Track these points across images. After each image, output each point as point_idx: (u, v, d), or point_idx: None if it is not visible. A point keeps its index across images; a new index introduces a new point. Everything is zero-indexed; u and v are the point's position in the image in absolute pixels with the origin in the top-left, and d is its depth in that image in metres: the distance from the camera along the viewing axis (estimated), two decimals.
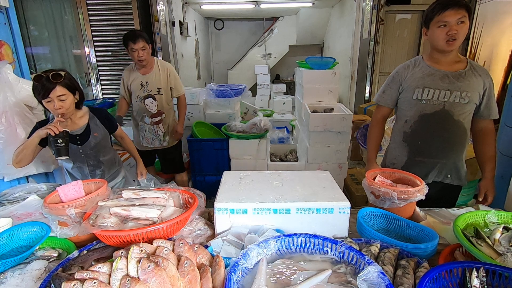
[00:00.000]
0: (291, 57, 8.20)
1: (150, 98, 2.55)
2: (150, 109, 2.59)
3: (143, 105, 2.57)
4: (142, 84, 2.53)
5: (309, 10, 6.91)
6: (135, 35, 2.32)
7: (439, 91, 1.47)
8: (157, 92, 2.55)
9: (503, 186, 1.73)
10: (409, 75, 1.55)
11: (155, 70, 2.54)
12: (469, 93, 1.44)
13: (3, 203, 1.67)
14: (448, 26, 1.37)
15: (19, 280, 0.92)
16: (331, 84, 3.25)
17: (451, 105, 1.47)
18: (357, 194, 2.88)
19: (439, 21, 1.38)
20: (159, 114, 2.62)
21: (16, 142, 2.01)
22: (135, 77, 2.54)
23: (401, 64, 1.62)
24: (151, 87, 2.54)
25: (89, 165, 1.70)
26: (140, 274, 0.79)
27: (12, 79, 1.98)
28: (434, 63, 1.51)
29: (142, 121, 2.63)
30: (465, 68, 1.47)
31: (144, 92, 2.54)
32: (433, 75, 1.48)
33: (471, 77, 1.45)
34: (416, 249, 0.96)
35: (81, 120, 1.65)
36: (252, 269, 0.88)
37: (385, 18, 4.64)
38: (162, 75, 2.56)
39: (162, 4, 4.41)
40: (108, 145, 1.79)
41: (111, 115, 1.82)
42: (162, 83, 2.56)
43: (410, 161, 1.62)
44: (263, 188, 1.18)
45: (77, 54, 4.28)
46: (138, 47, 2.32)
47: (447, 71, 1.47)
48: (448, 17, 1.36)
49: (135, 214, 1.05)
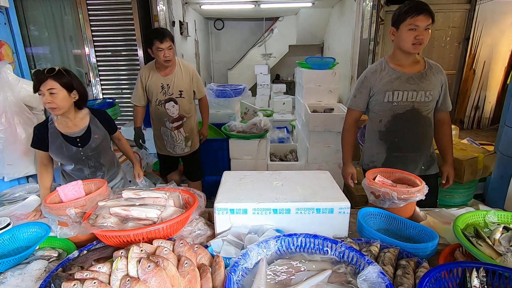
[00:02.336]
0: (291, 57, 8.19)
1: (171, 102, 2.34)
2: (171, 114, 2.38)
3: (164, 109, 2.36)
4: (163, 87, 2.31)
5: (309, 10, 6.90)
6: (163, 34, 2.13)
7: (407, 93, 1.59)
8: (179, 95, 2.34)
9: (503, 186, 1.73)
10: (377, 80, 1.64)
11: (177, 72, 2.33)
12: (432, 91, 1.59)
13: (3, 203, 1.67)
14: (417, 30, 1.46)
15: (19, 280, 0.92)
16: (331, 84, 3.25)
17: (419, 104, 1.61)
18: (357, 194, 2.88)
19: (411, 24, 1.46)
20: (180, 118, 2.42)
21: (16, 142, 2.01)
22: (155, 78, 2.32)
23: (368, 69, 1.73)
24: (173, 90, 2.32)
25: (90, 167, 1.69)
26: (140, 274, 0.79)
27: (12, 79, 1.98)
28: (398, 66, 1.62)
29: (164, 126, 2.44)
30: (424, 69, 1.61)
31: (164, 95, 2.32)
32: (399, 78, 1.60)
33: (430, 76, 1.60)
34: (416, 249, 0.96)
35: (82, 122, 1.64)
36: (252, 269, 0.88)
37: (385, 18, 4.64)
38: (184, 77, 2.35)
39: (162, 4, 4.41)
40: (108, 146, 1.79)
41: (111, 117, 1.81)
42: (185, 86, 2.35)
43: (389, 157, 1.73)
44: (263, 188, 1.18)
45: (77, 54, 4.28)
46: (165, 46, 2.13)
47: (410, 73, 1.59)
48: (420, 21, 1.45)
49: (135, 214, 1.05)
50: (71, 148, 1.60)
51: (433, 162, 1.76)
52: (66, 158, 1.62)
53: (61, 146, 1.58)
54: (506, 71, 4.83)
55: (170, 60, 2.20)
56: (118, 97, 4.37)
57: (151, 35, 2.15)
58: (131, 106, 4.95)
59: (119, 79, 4.41)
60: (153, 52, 2.18)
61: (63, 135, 1.58)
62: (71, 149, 1.60)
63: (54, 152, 1.60)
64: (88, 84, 4.35)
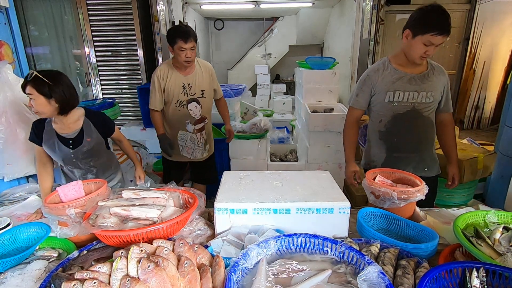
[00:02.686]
0: (291, 57, 8.19)
1: (194, 102, 2.20)
2: (194, 115, 2.24)
3: (186, 110, 2.21)
4: (184, 87, 2.16)
5: (309, 10, 6.90)
6: (188, 34, 1.98)
7: (408, 93, 1.59)
8: (201, 95, 2.22)
9: (503, 186, 1.73)
10: (380, 79, 1.64)
11: (198, 71, 2.20)
12: (433, 92, 1.59)
13: (3, 203, 1.67)
14: (431, 46, 1.47)
15: (19, 280, 0.92)
16: (331, 84, 3.25)
17: (420, 105, 1.61)
18: (357, 194, 2.88)
19: (428, 41, 1.45)
20: (202, 119, 2.29)
21: (16, 142, 2.01)
22: (176, 77, 2.15)
23: (370, 68, 1.72)
24: (195, 90, 2.19)
25: (80, 169, 1.68)
26: (140, 274, 0.79)
27: (12, 79, 1.98)
28: (400, 66, 1.62)
29: (183, 130, 2.27)
30: (427, 70, 1.61)
31: (186, 95, 2.18)
32: (401, 79, 1.60)
33: (432, 77, 1.60)
34: (416, 249, 0.96)
35: (75, 124, 1.62)
36: (252, 269, 0.88)
37: (385, 18, 4.64)
38: (205, 76, 2.23)
39: (162, 4, 4.41)
40: (103, 149, 1.74)
41: (108, 118, 1.78)
42: (206, 85, 2.24)
43: (389, 158, 1.73)
44: (263, 188, 1.18)
45: (77, 54, 4.28)
46: (189, 47, 1.99)
47: (413, 74, 1.59)
48: (438, 40, 1.45)
49: (135, 214, 1.05)
50: (63, 148, 1.60)
51: (434, 163, 1.75)
52: (58, 157, 1.63)
53: (54, 145, 1.59)
54: (506, 71, 4.83)
55: (191, 61, 2.08)
56: (118, 97, 4.37)
57: (175, 34, 2.00)
58: (131, 106, 4.91)
59: (119, 79, 4.40)
60: (174, 51, 2.05)
61: (58, 135, 1.60)
62: (62, 149, 1.60)
63: (48, 149, 1.61)
64: (88, 84, 4.35)
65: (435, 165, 1.76)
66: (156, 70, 2.16)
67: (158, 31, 4.32)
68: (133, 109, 4.52)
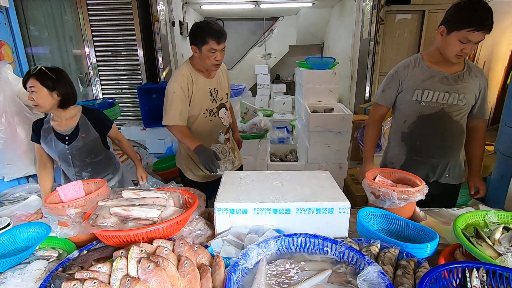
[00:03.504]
0: (291, 57, 8.19)
1: (223, 109, 1.92)
2: (225, 123, 1.94)
3: (218, 119, 1.88)
4: (211, 92, 1.84)
5: (309, 10, 6.90)
6: (222, 33, 1.66)
7: (438, 93, 1.48)
8: (226, 99, 1.96)
9: (503, 186, 1.73)
10: (408, 76, 1.54)
11: (218, 72, 1.91)
12: (467, 95, 1.47)
13: (3, 203, 1.67)
14: (468, 44, 1.34)
15: (19, 280, 0.92)
16: (331, 84, 3.25)
17: (450, 107, 1.49)
18: (357, 194, 2.88)
19: (465, 37, 1.32)
20: (230, 126, 2.03)
21: (16, 142, 2.01)
22: (202, 83, 1.80)
23: (401, 63, 1.61)
24: (221, 94, 1.91)
25: (75, 166, 1.69)
26: (140, 274, 0.79)
27: (12, 79, 1.98)
28: (434, 63, 1.50)
29: (216, 142, 1.93)
30: (463, 70, 1.48)
31: (215, 102, 1.86)
32: (433, 77, 1.49)
33: (468, 79, 1.47)
34: (416, 249, 0.96)
35: (71, 121, 1.65)
36: (252, 269, 0.88)
37: (385, 18, 4.64)
38: (224, 77, 1.97)
39: (162, 4, 4.41)
40: (99, 147, 1.75)
41: (105, 116, 1.78)
42: (227, 87, 2.00)
43: (408, 161, 1.63)
44: (263, 188, 1.18)
45: (77, 54, 4.29)
46: (220, 48, 1.68)
47: (446, 73, 1.48)
48: (475, 37, 1.31)
49: (135, 214, 1.05)
50: (59, 144, 1.63)
51: (459, 171, 1.63)
52: (55, 154, 1.66)
53: (51, 141, 1.62)
54: (506, 71, 4.83)
55: (220, 64, 1.78)
56: (118, 97, 4.38)
57: (205, 32, 1.63)
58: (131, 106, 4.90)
59: (119, 79, 4.41)
60: (201, 52, 1.67)
61: (55, 132, 1.63)
62: (59, 145, 1.63)
63: (46, 146, 1.63)
64: (88, 84, 4.35)
65: (460, 173, 1.63)
66: (177, 78, 1.74)
67: (158, 31, 4.33)
68: (133, 109, 4.53)
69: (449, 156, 1.57)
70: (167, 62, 4.64)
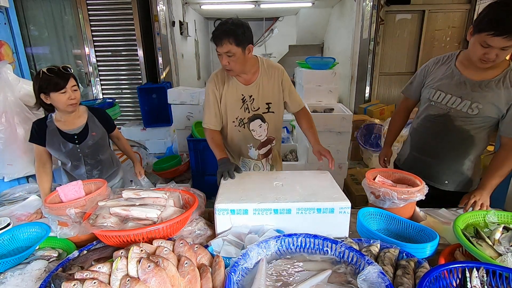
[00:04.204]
0: (291, 57, 8.20)
1: (257, 120, 1.66)
2: (258, 136, 1.69)
3: (248, 131, 1.67)
4: (244, 99, 1.62)
5: (309, 10, 6.90)
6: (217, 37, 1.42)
7: (450, 96, 1.40)
8: (266, 109, 1.65)
9: (503, 186, 1.73)
10: (432, 72, 1.49)
11: (262, 76, 1.62)
12: (482, 105, 1.33)
13: (3, 203, 1.67)
14: (489, 49, 1.21)
15: (19, 280, 0.92)
16: (331, 84, 3.25)
17: (456, 112, 1.40)
18: (357, 194, 2.88)
19: (484, 41, 1.20)
20: (269, 141, 1.73)
21: (16, 142, 2.01)
22: (233, 87, 1.61)
23: (436, 57, 1.53)
24: (258, 103, 1.63)
25: (86, 164, 1.70)
26: (140, 274, 0.79)
27: (12, 79, 1.98)
28: (462, 65, 1.40)
29: (246, 156, 1.74)
30: (493, 77, 1.32)
31: (248, 111, 1.63)
32: (451, 79, 1.41)
33: (493, 89, 1.32)
34: (416, 249, 0.96)
35: (80, 120, 1.66)
36: (252, 269, 0.88)
37: (385, 18, 4.64)
38: (271, 83, 1.63)
39: (162, 4, 4.41)
40: (106, 145, 1.79)
41: (110, 116, 1.82)
42: (273, 96, 1.65)
43: (410, 156, 1.65)
44: (264, 188, 1.18)
45: (77, 54, 4.29)
46: (223, 51, 1.43)
47: (469, 78, 1.37)
48: (496, 43, 1.18)
49: (135, 214, 1.05)
50: (68, 145, 1.62)
51: (461, 180, 1.52)
52: (64, 155, 1.64)
53: (59, 143, 1.60)
54: None
55: (232, 70, 1.50)
56: (118, 97, 4.38)
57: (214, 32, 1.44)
58: (131, 106, 4.90)
59: (119, 79, 4.41)
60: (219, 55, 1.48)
61: (61, 132, 1.61)
62: (68, 146, 1.62)
63: (52, 149, 1.62)
64: (88, 84, 4.36)
65: (463, 181, 1.52)
66: (212, 77, 1.64)
67: (158, 31, 4.33)
68: (133, 109, 4.53)
69: (448, 160, 1.51)
70: (167, 62, 4.64)
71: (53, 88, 1.47)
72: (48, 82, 1.47)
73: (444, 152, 1.50)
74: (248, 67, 1.56)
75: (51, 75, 1.46)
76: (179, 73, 5.33)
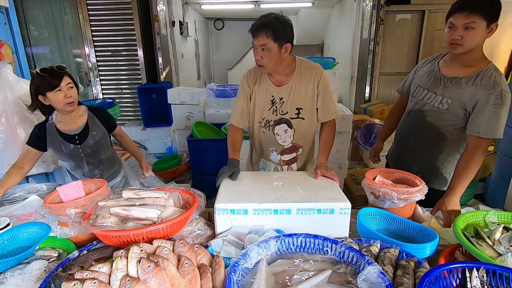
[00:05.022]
0: None
1: (283, 125, 1.57)
2: (282, 141, 1.61)
3: (272, 134, 1.60)
4: (274, 101, 1.55)
5: (309, 10, 6.91)
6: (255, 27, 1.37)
7: (426, 92, 1.48)
8: (296, 115, 1.55)
9: (503, 186, 1.73)
10: (420, 70, 1.57)
11: (297, 79, 1.52)
12: (451, 100, 1.37)
13: (3, 203, 1.67)
14: (454, 29, 1.28)
15: (19, 280, 0.92)
16: (331, 84, 3.22)
17: (430, 107, 1.46)
18: (357, 194, 2.88)
19: (449, 22, 1.30)
20: (294, 149, 1.63)
21: (16, 142, 2.01)
22: (264, 87, 1.55)
23: (427, 57, 1.61)
24: (287, 107, 1.54)
25: (88, 164, 1.70)
26: (140, 274, 0.79)
27: (12, 79, 1.98)
28: (444, 63, 1.46)
29: (267, 158, 1.68)
30: (467, 75, 1.35)
31: (275, 113, 1.56)
32: (431, 76, 1.48)
33: (463, 86, 1.34)
34: (416, 249, 0.96)
35: (80, 119, 1.66)
36: (252, 269, 0.88)
37: (385, 18, 4.64)
38: (306, 87, 1.52)
39: (162, 4, 4.41)
40: (107, 144, 1.79)
41: (110, 114, 1.82)
42: (306, 101, 1.54)
43: (393, 151, 1.74)
44: (264, 188, 1.18)
45: (77, 54, 4.29)
46: (258, 44, 1.37)
47: (444, 74, 1.43)
48: (456, 20, 1.26)
49: (135, 214, 1.05)
50: (69, 145, 1.61)
51: (436, 177, 1.54)
52: (66, 156, 1.64)
53: (59, 145, 1.60)
54: (506, 71, 4.82)
55: (263, 66, 1.41)
56: (118, 97, 4.38)
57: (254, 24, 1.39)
58: (131, 106, 4.91)
59: (119, 79, 4.41)
60: None
61: (62, 134, 1.60)
62: (69, 146, 1.62)
63: (53, 151, 1.62)
64: (88, 84, 4.36)
65: (438, 178, 1.54)
66: (246, 73, 1.60)
67: (158, 31, 4.33)
68: (133, 109, 4.53)
69: (422, 156, 1.54)
70: (167, 62, 4.65)
71: (47, 87, 1.47)
72: (42, 81, 1.46)
73: (419, 148, 1.55)
74: (283, 68, 1.48)
75: (45, 75, 1.45)
76: (179, 73, 5.33)
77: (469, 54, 1.32)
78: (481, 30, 1.24)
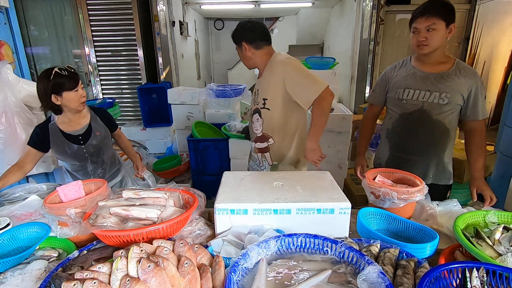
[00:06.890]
0: None
1: (256, 114, 1.73)
2: (255, 130, 1.75)
3: (250, 123, 1.81)
4: (255, 92, 1.76)
5: (309, 10, 6.91)
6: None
7: (419, 92, 1.53)
8: (262, 105, 1.67)
9: (503, 186, 1.73)
10: (394, 75, 1.62)
11: (266, 72, 1.67)
12: (450, 94, 1.48)
13: (3, 203, 1.67)
14: (418, 32, 1.45)
15: (19, 280, 0.92)
16: (331, 84, 3.21)
17: (430, 105, 1.51)
18: (357, 194, 2.88)
19: (413, 27, 1.47)
20: (264, 138, 1.72)
21: (16, 142, 2.01)
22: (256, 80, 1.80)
23: (391, 64, 1.71)
24: (259, 98, 1.70)
25: (92, 163, 1.72)
26: (140, 274, 0.79)
27: (12, 79, 1.98)
28: (419, 63, 1.56)
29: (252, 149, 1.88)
30: (449, 69, 1.49)
31: (255, 103, 1.75)
32: (415, 76, 1.54)
33: (453, 79, 1.47)
34: (416, 249, 0.96)
35: (83, 120, 1.67)
36: (252, 269, 0.88)
37: (385, 18, 4.64)
38: (272, 79, 1.61)
39: (162, 4, 4.41)
40: (109, 144, 1.81)
41: (111, 115, 1.84)
42: (271, 92, 1.63)
43: (391, 157, 1.70)
44: (264, 188, 1.17)
45: (77, 54, 4.29)
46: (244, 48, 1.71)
47: (429, 72, 1.51)
48: (418, 24, 1.43)
49: (135, 214, 1.05)
50: (73, 146, 1.62)
51: (443, 172, 1.62)
52: (70, 157, 1.65)
53: (63, 145, 1.61)
54: (506, 71, 4.83)
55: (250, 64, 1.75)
56: (118, 97, 4.38)
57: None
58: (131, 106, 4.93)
59: (119, 79, 4.41)
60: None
61: (65, 134, 1.60)
62: (73, 147, 1.62)
63: (56, 152, 1.62)
64: (88, 84, 4.36)
65: (445, 174, 1.63)
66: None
67: (158, 31, 4.33)
68: (133, 109, 4.53)
69: (429, 155, 1.59)
70: (167, 62, 4.64)
71: (67, 87, 1.49)
72: (62, 81, 1.48)
73: (425, 148, 1.59)
74: (259, 62, 1.69)
75: (66, 74, 1.48)
76: (179, 73, 5.33)
77: (436, 53, 1.48)
78: (441, 30, 1.41)
